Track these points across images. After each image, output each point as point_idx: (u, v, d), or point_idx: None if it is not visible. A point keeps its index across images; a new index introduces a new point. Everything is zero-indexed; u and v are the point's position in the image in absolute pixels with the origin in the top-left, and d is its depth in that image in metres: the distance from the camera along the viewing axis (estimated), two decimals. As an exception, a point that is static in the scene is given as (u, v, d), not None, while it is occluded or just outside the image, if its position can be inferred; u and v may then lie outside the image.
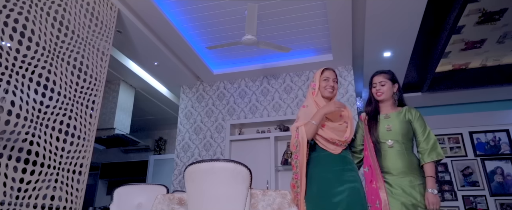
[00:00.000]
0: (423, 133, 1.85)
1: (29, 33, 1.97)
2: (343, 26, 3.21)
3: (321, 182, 1.75)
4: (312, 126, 1.79)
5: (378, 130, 1.90)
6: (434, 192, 1.69)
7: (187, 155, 4.18)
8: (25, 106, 1.90)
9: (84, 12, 2.45)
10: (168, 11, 3.12)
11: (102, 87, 2.57)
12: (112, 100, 4.25)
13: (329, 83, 1.93)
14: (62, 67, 2.21)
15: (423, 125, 1.88)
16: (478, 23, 3.51)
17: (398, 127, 1.86)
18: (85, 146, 2.33)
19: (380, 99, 1.97)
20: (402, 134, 1.85)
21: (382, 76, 1.99)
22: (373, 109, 1.99)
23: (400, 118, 1.89)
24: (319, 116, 1.81)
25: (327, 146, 1.81)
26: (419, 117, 1.90)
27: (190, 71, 4.19)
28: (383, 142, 1.87)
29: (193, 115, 4.37)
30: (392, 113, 1.94)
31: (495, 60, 4.39)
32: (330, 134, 1.81)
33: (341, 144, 1.83)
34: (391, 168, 1.80)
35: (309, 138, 1.79)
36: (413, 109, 1.95)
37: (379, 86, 1.97)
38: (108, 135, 4.17)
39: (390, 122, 1.89)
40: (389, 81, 1.97)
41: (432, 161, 1.77)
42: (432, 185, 1.71)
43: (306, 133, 1.79)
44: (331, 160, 1.80)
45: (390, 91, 1.97)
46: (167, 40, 3.46)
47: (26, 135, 1.89)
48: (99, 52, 2.58)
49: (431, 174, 1.74)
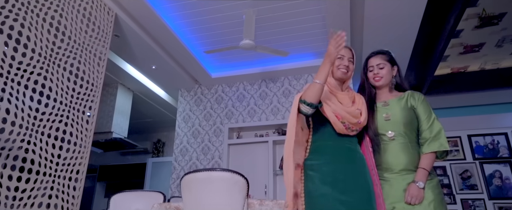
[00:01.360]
0: (428, 120, 1.54)
1: (24, 40, 1.96)
2: (341, 29, 3.20)
3: (327, 179, 1.43)
4: (316, 85, 1.42)
5: (376, 121, 1.58)
6: (420, 186, 1.42)
7: (185, 158, 4.17)
8: (20, 113, 1.88)
9: (80, 17, 2.44)
10: (165, 15, 3.10)
11: (99, 92, 2.55)
12: (109, 104, 4.23)
13: (343, 62, 1.59)
14: (58, 74, 2.19)
15: (427, 111, 1.56)
16: (477, 27, 3.51)
17: (399, 115, 1.55)
18: (82, 152, 2.31)
19: (378, 85, 1.64)
20: (405, 123, 1.54)
21: (380, 57, 1.66)
22: (368, 95, 1.65)
23: (401, 104, 1.59)
24: (323, 71, 1.43)
25: (336, 124, 1.48)
26: (423, 100, 1.59)
27: (188, 75, 4.17)
28: (382, 133, 1.56)
29: (191, 118, 4.36)
30: (391, 99, 1.62)
31: (493, 64, 4.39)
32: (340, 111, 1.48)
33: (351, 128, 1.50)
34: (392, 163, 1.50)
35: (312, 100, 1.42)
36: (417, 93, 1.63)
37: (377, 69, 1.63)
38: (105, 139, 4.15)
39: (389, 110, 1.58)
40: (388, 64, 1.65)
41: (431, 151, 1.49)
42: (420, 177, 1.44)
43: (307, 95, 1.43)
44: (340, 151, 1.49)
45: (389, 75, 1.65)
46: (165, 44, 3.44)
47: (22, 143, 1.87)
48: (96, 58, 2.56)
49: (423, 166, 1.47)
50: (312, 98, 1.44)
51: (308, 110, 1.45)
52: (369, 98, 1.65)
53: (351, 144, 1.52)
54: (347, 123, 1.48)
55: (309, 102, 1.44)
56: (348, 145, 1.51)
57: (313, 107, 1.45)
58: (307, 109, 1.45)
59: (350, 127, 1.49)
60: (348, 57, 1.62)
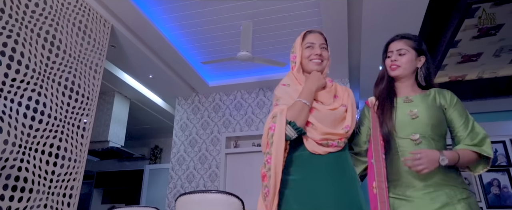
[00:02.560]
0: (466, 125, 1.23)
1: (18, 56, 1.93)
2: (339, 41, 3.19)
3: (304, 200, 1.15)
4: (303, 107, 1.19)
5: (394, 117, 1.26)
6: (442, 159, 1.10)
7: (182, 167, 4.14)
8: (14, 131, 1.86)
9: (76, 30, 2.42)
10: (162, 26, 3.08)
11: (94, 105, 2.53)
12: (106, 112, 4.20)
13: (314, 50, 1.33)
14: (53, 88, 2.17)
15: (464, 113, 1.26)
16: (475, 38, 3.51)
17: (426, 114, 1.23)
18: (76, 167, 2.29)
19: (394, 75, 1.34)
20: (433, 125, 1.22)
21: (403, 42, 1.35)
22: (386, 87, 1.36)
23: (427, 102, 1.28)
24: (309, 91, 1.23)
25: (315, 149, 1.19)
26: (456, 101, 1.29)
27: (185, 83, 4.15)
28: (403, 137, 1.23)
29: (188, 127, 4.33)
30: (415, 95, 1.32)
31: (491, 73, 4.39)
32: (322, 128, 1.18)
33: (339, 141, 1.20)
34: (415, 177, 1.17)
35: (300, 125, 1.17)
36: (447, 91, 1.32)
37: (395, 55, 1.34)
38: (102, 148, 4.12)
39: (414, 107, 1.27)
40: (412, 51, 1.33)
41: (472, 149, 1.19)
42: (449, 154, 1.13)
43: (294, 118, 1.17)
44: (321, 164, 1.19)
45: (410, 65, 1.32)
46: (162, 54, 3.43)
47: (14, 161, 1.84)
48: (91, 70, 2.54)
49: (458, 151, 1.18)
50: (302, 122, 1.18)
51: (293, 135, 1.17)
52: (388, 91, 1.34)
53: (341, 151, 1.23)
54: (331, 138, 1.19)
55: (298, 127, 1.17)
56: (332, 154, 1.20)
57: (302, 132, 1.18)
58: (293, 134, 1.17)
59: (338, 142, 1.21)
60: (319, 44, 1.35)
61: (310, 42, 1.36)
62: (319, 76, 1.30)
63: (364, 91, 4.41)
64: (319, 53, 1.34)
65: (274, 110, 1.24)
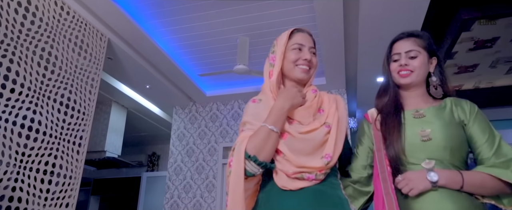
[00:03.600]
0: (491, 142, 0.97)
1: (13, 75, 1.93)
2: (335, 52, 3.20)
3: None
4: (269, 135, 0.92)
5: (403, 138, 1.01)
6: (431, 177, 0.91)
7: (179, 177, 4.13)
8: (8, 151, 1.85)
9: (72, 46, 2.41)
10: (159, 39, 3.09)
11: (90, 121, 2.52)
12: (103, 122, 4.19)
13: (302, 54, 1.06)
14: (49, 106, 2.16)
15: (487, 128, 1.00)
16: (471, 50, 3.52)
17: (443, 134, 0.98)
18: (72, 184, 2.28)
19: (405, 83, 1.08)
20: (452, 148, 0.97)
21: (412, 41, 1.10)
22: (392, 99, 1.10)
23: (444, 117, 1.02)
24: (279, 113, 0.95)
25: (285, 184, 0.94)
26: (477, 112, 1.03)
27: (182, 93, 4.15)
28: (414, 163, 0.98)
29: (185, 136, 4.32)
30: (427, 107, 1.06)
31: (488, 83, 4.41)
32: (295, 160, 0.92)
33: (317, 174, 0.93)
34: None
35: (265, 158, 0.91)
36: (465, 101, 1.07)
37: (405, 59, 1.08)
38: (99, 158, 4.11)
39: (426, 124, 1.01)
40: (424, 52, 1.09)
41: (490, 174, 0.91)
42: (443, 173, 0.93)
43: (257, 150, 0.90)
44: (291, 204, 0.92)
45: (424, 70, 1.08)
46: (159, 66, 3.42)
47: (8, 181, 1.83)
48: (87, 85, 2.54)
49: (464, 173, 0.93)
50: (268, 153, 0.92)
51: (256, 171, 0.92)
52: (395, 104, 1.08)
53: (321, 184, 0.95)
54: (307, 171, 0.93)
55: (262, 162, 0.91)
56: (308, 189, 0.94)
57: (268, 167, 0.93)
58: (257, 170, 0.91)
59: (314, 175, 0.94)
60: (309, 47, 1.08)
61: (299, 44, 1.07)
62: (295, 92, 1.00)
63: (361, 101, 4.42)
64: (308, 59, 1.06)
65: (238, 138, 0.98)
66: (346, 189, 1.09)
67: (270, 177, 0.99)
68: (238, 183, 0.90)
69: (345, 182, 1.10)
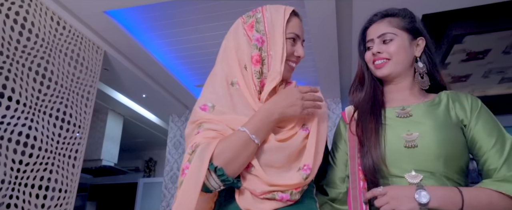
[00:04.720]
0: (500, 147, 0.75)
1: (9, 92, 1.95)
2: (329, 61, 3.23)
3: None
4: (248, 144, 0.72)
5: (382, 144, 0.80)
6: (419, 197, 0.68)
7: (175, 185, 4.14)
8: (3, 168, 1.87)
9: (68, 60, 2.43)
10: (155, 51, 3.11)
11: (86, 134, 2.54)
12: (99, 130, 4.20)
13: (297, 49, 0.86)
14: (44, 121, 2.18)
15: (495, 129, 0.79)
16: (463, 61, 3.57)
17: (435, 137, 0.77)
18: (67, 197, 2.30)
19: (381, 74, 0.88)
20: (447, 156, 0.76)
21: (386, 23, 0.89)
22: (370, 95, 0.90)
23: (437, 116, 0.81)
24: (267, 120, 0.75)
25: (250, 207, 0.74)
26: (480, 109, 0.83)
27: (178, 102, 4.17)
28: (398, 175, 0.78)
29: (182, 144, 4.34)
30: (415, 104, 0.86)
31: (481, 92, 4.46)
32: (266, 178, 0.73)
33: (293, 193, 0.74)
34: None
35: (233, 173, 0.72)
36: (466, 95, 0.88)
37: (378, 44, 0.88)
38: (95, 166, 4.12)
39: (413, 126, 0.81)
40: (402, 33, 0.88)
41: (497, 190, 0.70)
42: (433, 189, 0.70)
43: (227, 161, 0.71)
44: None
45: (406, 55, 0.87)
46: (155, 76, 3.45)
47: (3, 198, 1.85)
48: (83, 99, 2.56)
49: (462, 189, 0.71)
50: (237, 170, 0.72)
51: (216, 188, 0.72)
52: (373, 102, 0.87)
53: (296, 206, 0.77)
54: (279, 189, 0.73)
55: (228, 178, 0.71)
56: (287, 209, 0.76)
57: (233, 185, 0.73)
58: (218, 186, 0.72)
59: (287, 195, 0.74)
60: (302, 39, 0.89)
61: (295, 33, 0.85)
62: (295, 99, 0.78)
63: (356, 109, 4.45)
64: (302, 56, 0.87)
65: (195, 139, 0.76)
66: (323, 207, 0.87)
67: (230, 195, 0.77)
68: (191, 199, 0.67)
69: (321, 199, 0.87)
